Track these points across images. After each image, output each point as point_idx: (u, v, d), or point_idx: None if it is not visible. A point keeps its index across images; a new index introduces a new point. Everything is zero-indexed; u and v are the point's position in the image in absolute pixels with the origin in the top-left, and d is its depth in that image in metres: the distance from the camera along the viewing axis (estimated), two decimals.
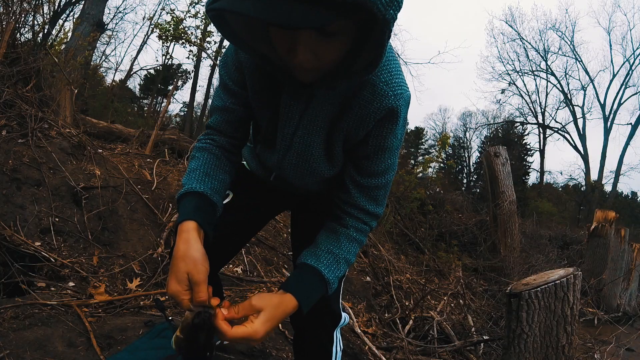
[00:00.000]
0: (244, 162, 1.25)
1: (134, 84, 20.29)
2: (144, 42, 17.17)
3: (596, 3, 48.01)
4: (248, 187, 1.18)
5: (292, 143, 0.92)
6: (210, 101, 20.92)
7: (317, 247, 0.92)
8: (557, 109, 22.71)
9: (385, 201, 0.98)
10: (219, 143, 0.98)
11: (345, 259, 0.92)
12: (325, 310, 1.04)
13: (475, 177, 25.25)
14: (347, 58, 0.72)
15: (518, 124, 23.61)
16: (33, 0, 3.65)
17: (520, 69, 22.53)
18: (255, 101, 0.94)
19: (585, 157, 20.72)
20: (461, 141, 27.30)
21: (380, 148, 0.87)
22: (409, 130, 27.28)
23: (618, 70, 21.02)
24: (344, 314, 1.13)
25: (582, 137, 21.06)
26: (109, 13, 15.16)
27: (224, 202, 1.15)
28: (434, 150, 25.93)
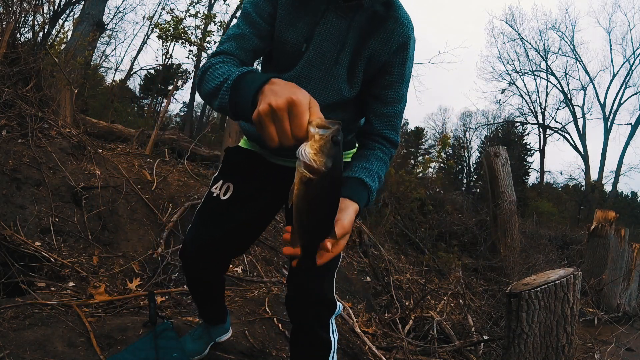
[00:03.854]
0: (239, 144, 1.26)
1: (134, 84, 20.24)
2: (144, 42, 17.16)
3: (596, 3, 47.91)
4: (247, 174, 1.19)
5: (338, 60, 1.01)
6: None
7: (351, 168, 1.01)
8: (557, 109, 22.70)
9: (400, 130, 1.12)
10: (233, 61, 0.98)
11: (377, 174, 1.02)
12: (322, 300, 1.10)
13: (475, 177, 25.19)
14: None
15: (518, 124, 23.59)
16: (33, 0, 3.65)
17: (520, 69, 22.52)
18: (286, 23, 1.01)
19: (585, 157, 20.72)
20: (461, 141, 27.25)
21: (400, 77, 1.03)
22: (409, 131, 27.24)
23: (618, 70, 21.01)
24: (338, 303, 1.18)
25: (582, 137, 21.05)
26: (109, 13, 15.15)
27: (225, 197, 1.17)
28: (434, 150, 25.88)
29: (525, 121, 23.16)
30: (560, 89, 21.93)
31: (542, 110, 22.50)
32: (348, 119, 1.11)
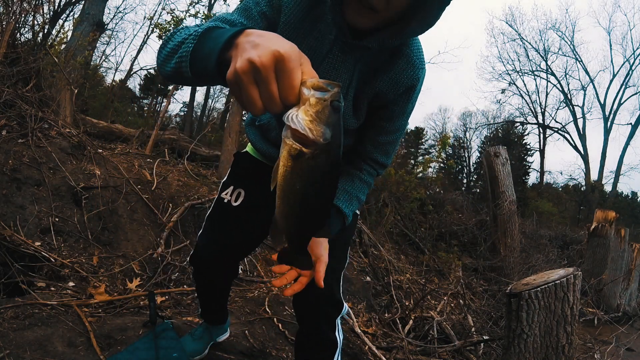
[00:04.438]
0: (247, 150, 1.24)
1: (134, 84, 20.25)
2: (144, 42, 17.08)
3: (596, 3, 47.94)
4: (257, 180, 1.18)
5: (347, 95, 0.97)
6: (210, 101, 20.84)
7: None
8: (557, 109, 22.72)
9: (393, 155, 1.13)
10: None
11: (357, 197, 1.06)
12: (331, 300, 1.13)
13: (475, 177, 25.18)
14: (404, 17, 0.81)
15: (518, 124, 23.56)
16: (33, 0, 3.65)
17: (520, 69, 22.48)
18: None
19: (585, 157, 20.69)
20: (461, 141, 27.25)
21: (402, 112, 1.01)
22: (409, 130, 27.21)
23: (618, 70, 20.98)
24: (344, 303, 1.19)
25: (582, 137, 21.03)
26: (109, 13, 15.09)
27: (236, 203, 1.17)
28: (434, 150, 25.86)
29: (525, 121, 23.14)
30: (560, 89, 21.91)
31: (542, 110, 22.49)
32: (348, 145, 1.10)
